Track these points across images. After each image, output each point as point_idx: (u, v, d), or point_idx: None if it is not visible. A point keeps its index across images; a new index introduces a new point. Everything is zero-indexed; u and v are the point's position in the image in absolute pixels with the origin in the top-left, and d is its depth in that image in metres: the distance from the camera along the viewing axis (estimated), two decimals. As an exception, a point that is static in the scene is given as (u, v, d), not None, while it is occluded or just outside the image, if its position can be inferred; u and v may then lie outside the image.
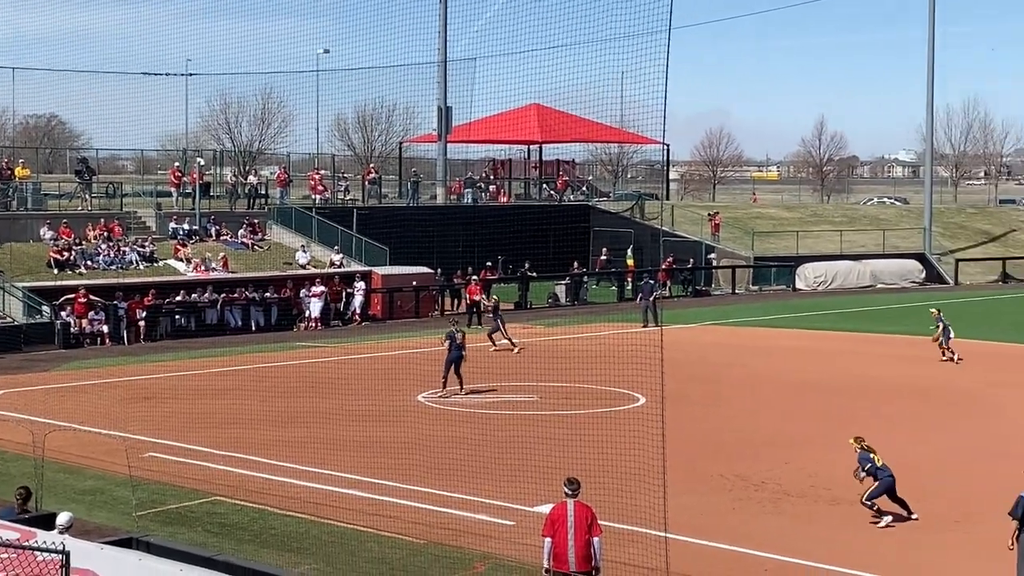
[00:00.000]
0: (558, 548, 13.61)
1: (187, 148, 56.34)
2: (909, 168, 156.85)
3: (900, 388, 30.07)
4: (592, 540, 13.61)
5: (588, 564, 13.62)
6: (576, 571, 13.52)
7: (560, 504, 13.84)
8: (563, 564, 13.60)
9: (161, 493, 19.84)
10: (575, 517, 13.61)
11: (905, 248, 63.02)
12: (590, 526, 13.66)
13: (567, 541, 13.56)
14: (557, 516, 13.72)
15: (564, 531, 13.58)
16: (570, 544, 13.55)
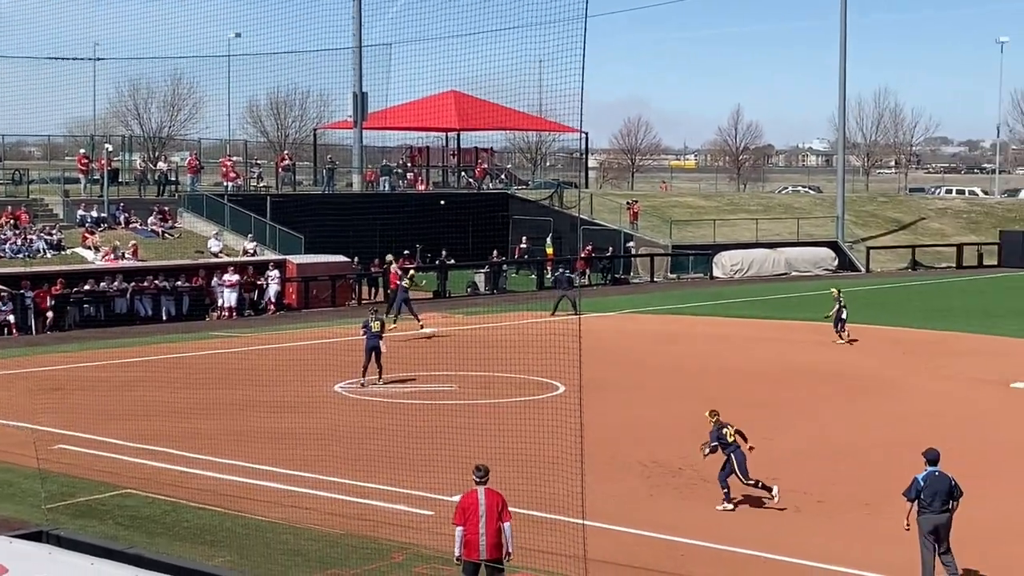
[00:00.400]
0: (469, 536, 13.54)
1: (95, 134, 55.24)
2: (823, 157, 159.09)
3: (813, 373, 30.45)
4: (503, 526, 13.57)
5: (499, 551, 13.61)
6: (487, 559, 13.49)
7: (470, 492, 13.78)
8: (474, 552, 13.54)
9: (71, 486, 19.45)
10: (486, 504, 13.58)
11: (819, 236, 63.89)
12: (500, 512, 13.62)
13: (478, 528, 13.51)
14: (467, 504, 13.66)
15: (475, 519, 13.53)
16: (481, 531, 13.51)
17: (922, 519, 14.91)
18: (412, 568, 15.66)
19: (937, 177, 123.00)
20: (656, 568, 15.65)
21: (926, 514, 14.88)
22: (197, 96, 74.55)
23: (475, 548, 13.54)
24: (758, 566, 15.79)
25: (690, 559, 16.09)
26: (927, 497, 14.89)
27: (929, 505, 14.86)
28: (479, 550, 13.51)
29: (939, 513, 14.85)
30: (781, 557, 16.08)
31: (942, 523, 14.88)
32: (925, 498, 14.89)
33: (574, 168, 77.62)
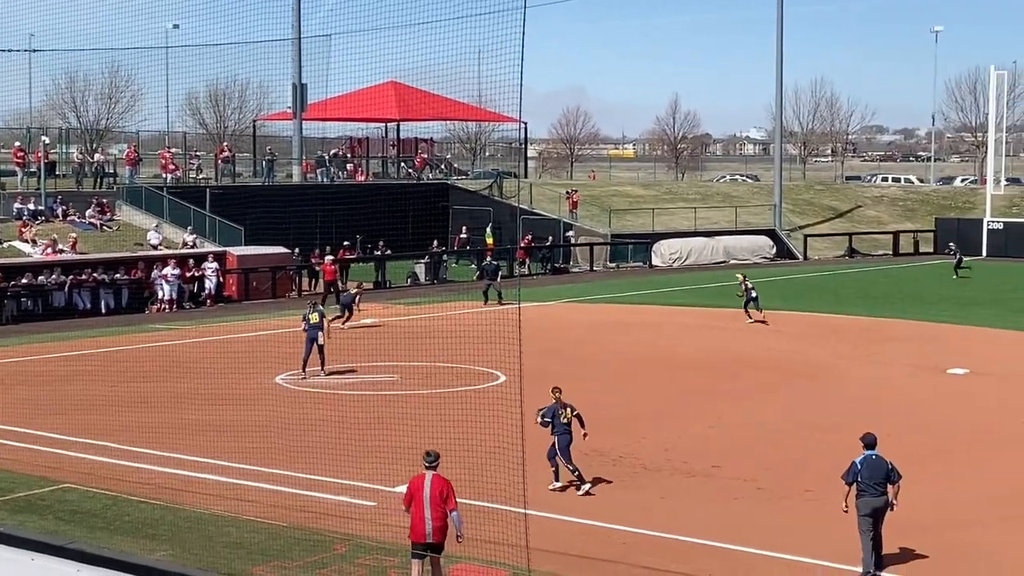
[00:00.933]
0: (415, 519, 13.87)
1: (31, 126, 54.49)
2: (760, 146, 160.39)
3: (751, 361, 30.80)
4: (450, 514, 13.85)
5: (443, 535, 13.87)
6: (432, 541, 13.79)
7: (418, 476, 14.09)
8: (420, 535, 13.84)
9: (9, 481, 19.29)
10: (431, 489, 13.85)
11: (756, 224, 64.50)
12: (445, 499, 13.86)
13: (423, 512, 13.81)
14: (415, 488, 13.99)
15: (420, 502, 13.83)
16: (426, 516, 13.81)
17: (860, 502, 15.25)
18: (355, 559, 15.72)
19: (873, 165, 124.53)
20: (598, 556, 15.81)
21: (864, 497, 15.23)
22: (135, 88, 73.81)
23: (421, 532, 13.86)
24: (701, 554, 15.99)
25: (632, 548, 16.26)
26: (865, 480, 15.24)
27: (867, 488, 15.22)
28: (425, 533, 13.82)
29: (877, 496, 15.21)
30: (724, 544, 16.28)
31: (879, 506, 15.24)
32: (863, 481, 15.24)
33: (513, 158, 77.74)
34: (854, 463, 15.40)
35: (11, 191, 46.79)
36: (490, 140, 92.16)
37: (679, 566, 15.39)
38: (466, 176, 67.91)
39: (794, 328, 36.70)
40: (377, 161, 66.79)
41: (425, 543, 13.83)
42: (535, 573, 13.36)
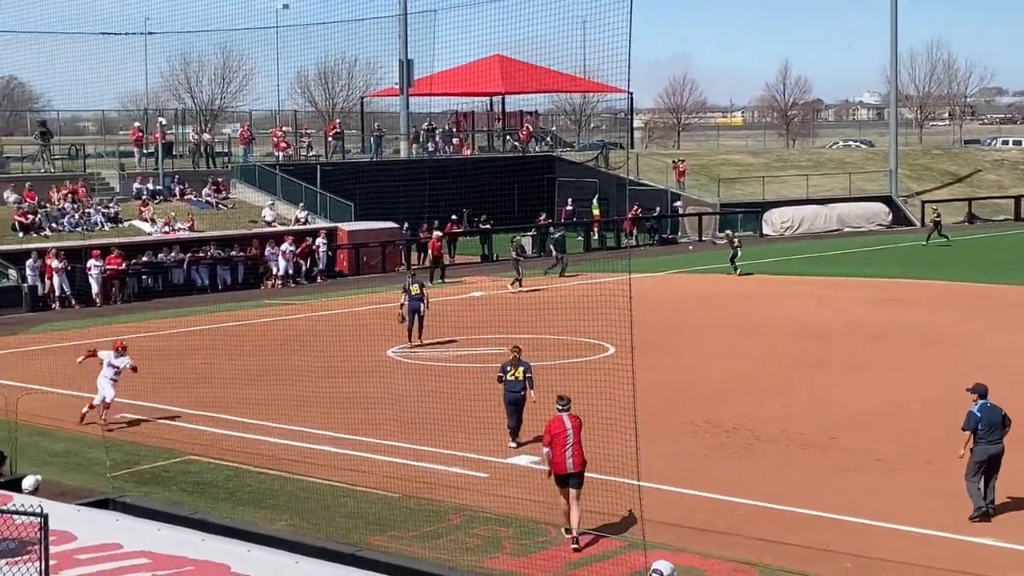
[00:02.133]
0: (557, 456, 15.37)
1: (148, 107, 55.64)
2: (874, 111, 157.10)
3: (868, 330, 30.31)
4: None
5: (583, 464, 15.47)
6: (573, 472, 15.39)
7: (556, 418, 15.61)
8: (563, 468, 15.38)
9: (134, 454, 19.84)
10: (572, 427, 15.48)
11: (871, 191, 63.28)
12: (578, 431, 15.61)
13: (564, 448, 15.34)
14: (556, 429, 15.51)
15: (562, 440, 15.39)
16: (568, 452, 15.34)
17: (978, 449, 15.61)
18: (470, 530, 15.88)
19: (993, 128, 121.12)
20: (714, 528, 15.75)
21: (982, 445, 15.61)
22: (247, 68, 74.78)
23: (563, 466, 15.37)
24: (818, 526, 15.83)
25: (749, 519, 16.17)
26: (984, 428, 15.63)
27: (985, 436, 15.62)
28: (566, 466, 15.35)
29: (995, 444, 15.65)
30: (841, 516, 16.10)
31: (996, 452, 15.65)
32: (982, 429, 15.62)
33: (619, 128, 77.26)
34: (971, 412, 15.87)
35: (130, 171, 47.87)
36: (595, 111, 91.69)
37: (796, 538, 15.27)
38: (572, 148, 67.66)
39: (913, 296, 36.03)
40: (483, 135, 66.92)
41: (567, 473, 15.36)
42: (650, 545, 13.36)
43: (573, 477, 15.43)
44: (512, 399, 19.58)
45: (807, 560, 14.46)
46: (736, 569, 14.26)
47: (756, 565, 14.33)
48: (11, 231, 40.73)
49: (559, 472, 15.46)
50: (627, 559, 14.11)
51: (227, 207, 47.22)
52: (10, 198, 42.85)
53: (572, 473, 15.42)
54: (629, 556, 14.07)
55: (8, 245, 39.26)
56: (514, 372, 19.60)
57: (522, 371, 19.60)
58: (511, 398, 19.59)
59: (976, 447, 15.68)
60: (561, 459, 15.39)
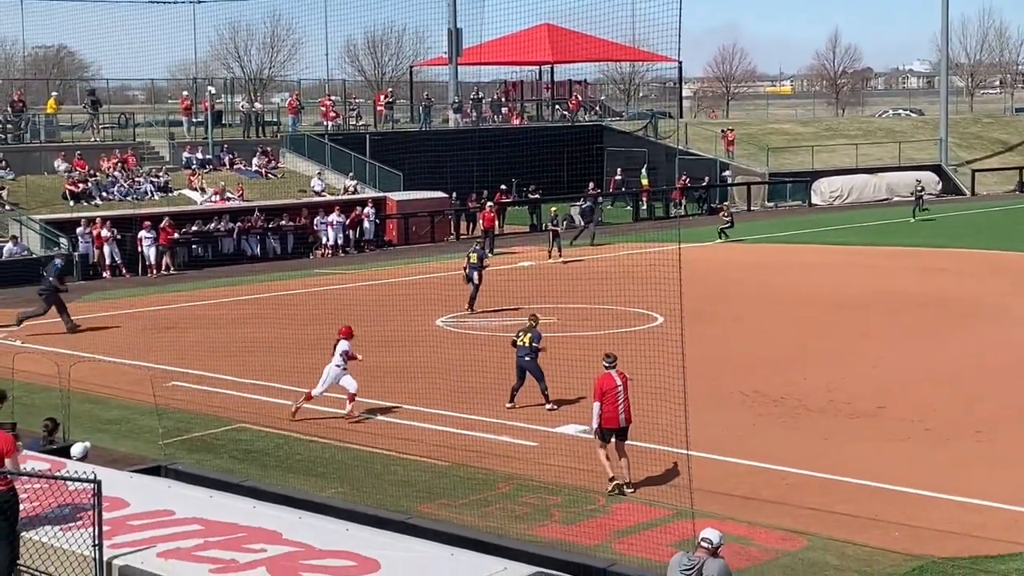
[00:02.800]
0: (609, 410, 16.08)
1: (197, 76, 55.95)
2: (924, 79, 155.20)
3: (917, 299, 30.09)
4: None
5: (630, 418, 16.33)
6: (624, 425, 16.25)
7: (605, 375, 16.29)
8: (615, 422, 16.13)
9: (186, 421, 20.05)
10: (622, 383, 16.27)
11: (921, 160, 62.63)
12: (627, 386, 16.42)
13: (617, 403, 16.11)
14: (607, 386, 16.19)
15: (614, 396, 16.12)
16: (620, 407, 16.13)
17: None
18: (518, 498, 15.95)
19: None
20: (762, 497, 15.73)
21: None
22: (296, 37, 75.11)
23: (615, 420, 16.13)
24: (867, 495, 15.76)
25: (796, 488, 16.14)
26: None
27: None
28: (618, 420, 16.15)
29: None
30: (890, 486, 16.01)
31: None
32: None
33: (668, 98, 76.80)
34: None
35: (179, 140, 48.20)
36: (644, 80, 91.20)
37: (845, 507, 15.23)
38: (620, 117, 67.40)
39: (962, 266, 35.70)
40: (532, 104, 66.74)
41: (618, 427, 16.16)
42: (698, 513, 13.38)
43: (622, 431, 16.25)
44: (518, 363, 20.14)
45: (855, 529, 14.43)
46: (784, 538, 14.25)
47: (804, 534, 14.32)
48: (62, 200, 41.16)
49: (611, 426, 16.15)
50: (675, 527, 14.12)
51: (276, 176, 47.45)
52: (60, 167, 43.29)
53: (623, 427, 16.23)
54: (677, 524, 14.08)
55: (59, 214, 39.67)
56: (523, 338, 20.06)
57: (529, 338, 20.00)
58: (518, 363, 20.15)
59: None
60: (614, 414, 16.09)
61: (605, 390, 16.18)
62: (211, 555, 10.40)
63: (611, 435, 16.23)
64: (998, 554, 13.57)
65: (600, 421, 16.18)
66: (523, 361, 20.06)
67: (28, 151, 44.19)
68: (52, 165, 43.56)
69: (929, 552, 13.67)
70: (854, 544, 13.98)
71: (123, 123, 49.09)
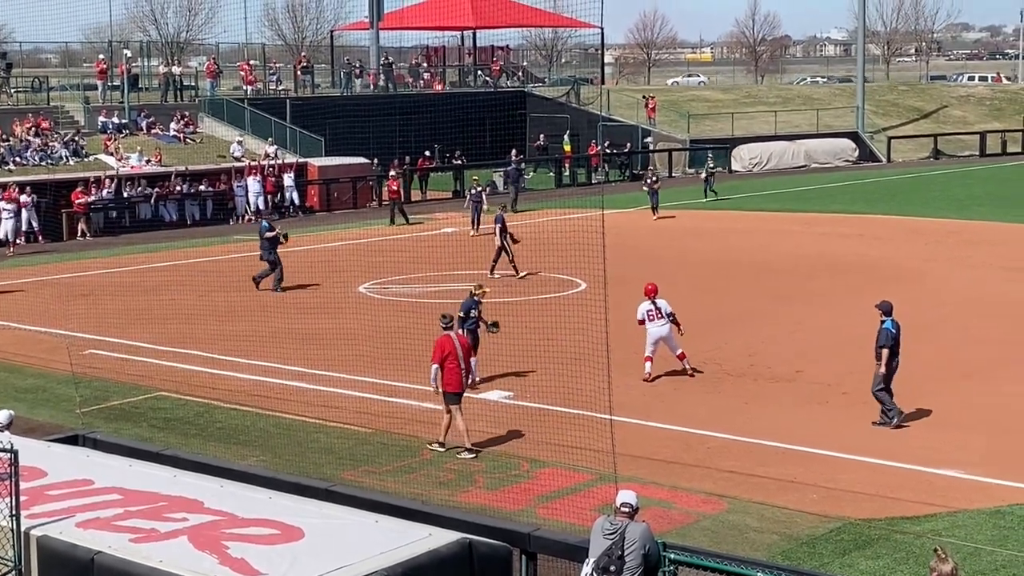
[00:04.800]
0: (451, 373, 16.22)
1: (113, 40, 54.89)
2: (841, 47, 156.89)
3: (835, 265, 30.51)
4: (472, 361, 17.19)
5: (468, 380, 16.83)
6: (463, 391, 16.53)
7: (444, 337, 16.49)
8: (458, 386, 16.33)
9: (104, 390, 19.80)
10: (462, 347, 16.54)
11: (838, 127, 63.39)
12: (468, 351, 16.85)
13: (458, 365, 16.30)
14: (446, 347, 16.34)
15: (455, 358, 16.26)
16: (461, 367, 16.34)
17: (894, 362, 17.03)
18: (442, 464, 15.98)
19: (959, 64, 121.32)
20: (683, 461, 15.91)
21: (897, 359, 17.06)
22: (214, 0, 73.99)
23: (459, 382, 16.33)
24: (785, 458, 16.01)
25: (717, 452, 16.34)
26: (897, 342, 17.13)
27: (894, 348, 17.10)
28: (462, 383, 16.40)
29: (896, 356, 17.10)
30: (808, 448, 16.28)
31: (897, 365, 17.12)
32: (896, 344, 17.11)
33: (590, 64, 76.89)
34: (887, 329, 17.18)
35: (95, 105, 47.30)
36: (566, 47, 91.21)
37: (764, 470, 15.45)
38: (543, 83, 67.36)
39: (879, 231, 36.23)
40: (454, 70, 66.48)
41: (461, 391, 16.40)
42: (620, 478, 13.47)
43: (459, 395, 16.40)
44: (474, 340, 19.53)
45: (774, 492, 14.64)
46: (704, 501, 14.43)
47: (724, 497, 14.50)
48: (-25, 165, 40.28)
49: (455, 390, 16.29)
50: (598, 491, 14.24)
51: (195, 142, 46.80)
52: (-28, 132, 42.33)
53: (463, 391, 16.48)
54: (600, 489, 14.21)
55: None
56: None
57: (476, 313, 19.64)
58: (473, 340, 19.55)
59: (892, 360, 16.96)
60: (458, 376, 16.29)
61: (446, 351, 16.28)
62: (131, 524, 10.26)
63: (459, 398, 16.34)
64: (913, 515, 13.85)
65: (439, 382, 16.28)
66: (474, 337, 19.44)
67: (-63, 115, 43.15)
68: (-37, 130, 42.58)
69: (846, 514, 13.92)
70: (773, 506, 14.20)
71: (36, 87, 48.08)
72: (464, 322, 19.26)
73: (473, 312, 19.54)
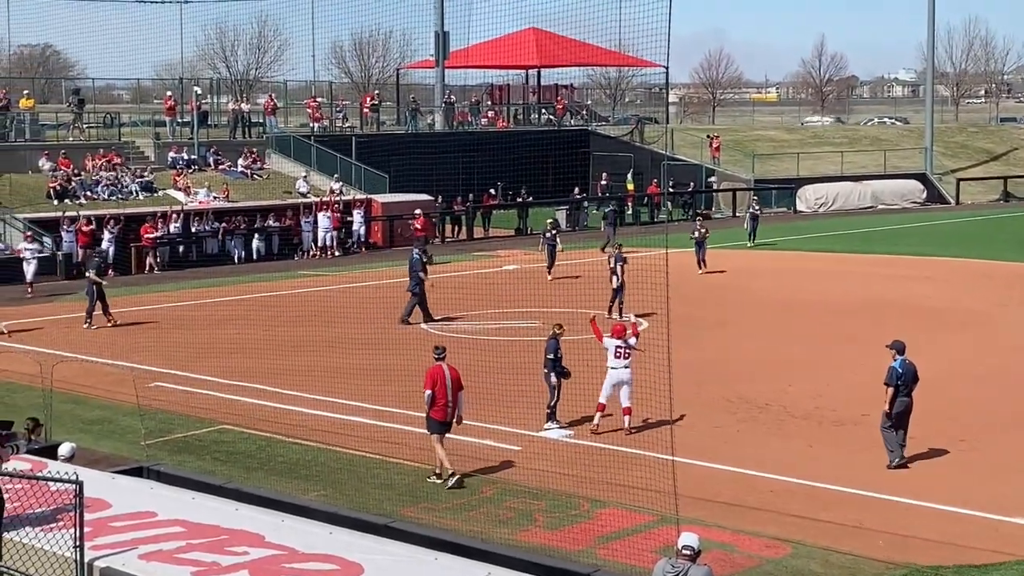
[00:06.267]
0: (440, 403, 16.73)
1: (183, 77, 55.77)
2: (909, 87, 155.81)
3: (902, 308, 30.10)
4: (459, 395, 17.00)
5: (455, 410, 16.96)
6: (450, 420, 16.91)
7: (436, 367, 16.93)
8: (443, 414, 16.77)
9: (168, 422, 19.95)
10: (452, 377, 16.87)
11: (906, 168, 62.81)
12: (457, 383, 16.95)
13: (446, 395, 16.76)
14: (437, 375, 16.83)
15: (443, 387, 16.76)
16: (448, 398, 16.77)
17: (898, 402, 17.07)
18: (502, 502, 15.91)
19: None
20: (746, 504, 15.71)
21: (901, 397, 17.08)
22: (282, 38, 74.97)
23: (444, 411, 16.77)
24: (851, 503, 15.76)
25: (781, 495, 16.12)
26: (903, 382, 17.14)
27: (903, 390, 17.10)
28: (446, 414, 16.79)
29: (907, 396, 17.13)
30: (874, 494, 16.02)
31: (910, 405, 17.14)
32: (901, 383, 17.13)
33: (653, 103, 76.94)
34: (893, 367, 17.17)
35: (165, 140, 48.02)
36: (630, 86, 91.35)
37: (829, 515, 15.22)
38: (607, 122, 67.47)
39: (947, 275, 35.77)
40: (518, 108, 66.79)
41: (448, 421, 16.82)
42: (682, 519, 13.35)
43: (448, 426, 16.87)
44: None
45: (840, 537, 14.42)
46: (768, 545, 14.23)
47: (788, 541, 14.30)
48: (46, 198, 40.96)
49: (441, 419, 16.79)
50: (659, 533, 14.10)
51: (262, 177, 47.33)
52: (45, 166, 43.09)
53: (450, 422, 16.87)
54: (661, 530, 14.06)
55: (43, 213, 39.46)
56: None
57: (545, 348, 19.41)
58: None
59: (897, 400, 17.00)
60: (443, 408, 16.74)
61: (436, 380, 16.74)
62: (193, 557, 10.33)
63: (444, 428, 16.77)
64: (982, 563, 13.59)
65: (431, 408, 16.74)
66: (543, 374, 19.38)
67: (12, 150, 43.96)
68: (36, 164, 43.35)
69: (913, 560, 13.67)
70: (838, 552, 13.97)
71: (108, 122, 48.92)
72: (555, 364, 19.12)
73: (560, 353, 19.27)
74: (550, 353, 19.23)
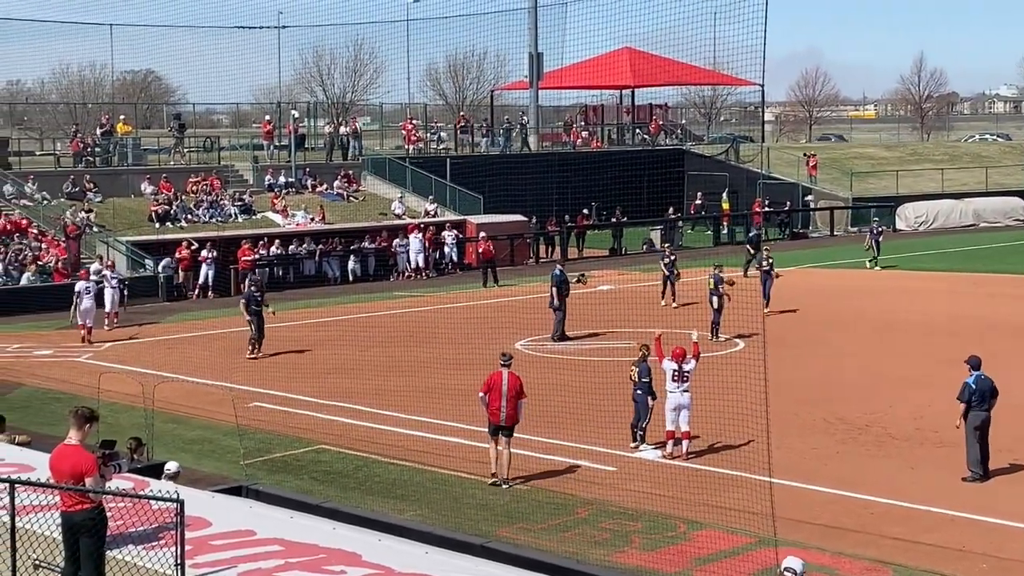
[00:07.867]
0: (493, 407, 17.25)
1: (280, 100, 56.60)
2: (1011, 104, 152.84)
3: (1006, 327, 29.46)
4: (519, 402, 17.37)
5: (514, 420, 17.36)
6: (506, 424, 17.29)
7: (496, 372, 17.42)
8: (496, 417, 17.28)
9: (267, 442, 20.19)
10: (508, 384, 17.29)
11: (1008, 185, 61.55)
12: (518, 391, 17.35)
13: (500, 401, 17.20)
14: (494, 381, 17.34)
15: (498, 393, 17.22)
16: (502, 404, 17.18)
17: (972, 415, 17.20)
18: (598, 523, 15.83)
19: None
20: (846, 526, 15.47)
21: (976, 411, 17.20)
22: (378, 61, 75.67)
23: (497, 415, 17.23)
24: (953, 526, 15.46)
25: (881, 517, 15.85)
26: (977, 397, 17.27)
27: (978, 405, 17.28)
28: (500, 417, 17.21)
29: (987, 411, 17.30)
30: (977, 516, 15.71)
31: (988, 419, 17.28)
32: (975, 398, 17.25)
33: (749, 122, 76.34)
34: (967, 383, 17.38)
35: (262, 164, 48.77)
36: (726, 104, 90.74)
37: (931, 537, 14.93)
38: (701, 141, 67.09)
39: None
40: (612, 128, 66.71)
41: (500, 425, 17.22)
42: (781, 542, 13.16)
43: (504, 429, 17.25)
44: (633, 396, 19.39)
45: (942, 560, 14.12)
46: (869, 568, 13.98)
47: (890, 564, 14.04)
48: (148, 222, 41.80)
49: (494, 422, 17.28)
50: (757, 555, 13.93)
51: (357, 199, 47.83)
52: (147, 190, 44.02)
53: (503, 426, 17.21)
54: (759, 553, 13.89)
55: (145, 236, 40.27)
56: (632, 371, 19.42)
57: (637, 372, 19.34)
58: (633, 395, 19.42)
59: (971, 414, 17.16)
60: (496, 409, 17.19)
61: (492, 385, 17.24)
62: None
63: (496, 431, 17.21)
64: (1091, 589, 13.20)
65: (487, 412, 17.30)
66: (634, 394, 19.39)
67: (115, 174, 44.99)
68: (139, 188, 44.30)
69: (1019, 586, 13.33)
70: (941, 575, 13.68)
71: (208, 146, 49.84)
72: (648, 386, 19.11)
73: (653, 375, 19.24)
74: (645, 377, 19.13)
